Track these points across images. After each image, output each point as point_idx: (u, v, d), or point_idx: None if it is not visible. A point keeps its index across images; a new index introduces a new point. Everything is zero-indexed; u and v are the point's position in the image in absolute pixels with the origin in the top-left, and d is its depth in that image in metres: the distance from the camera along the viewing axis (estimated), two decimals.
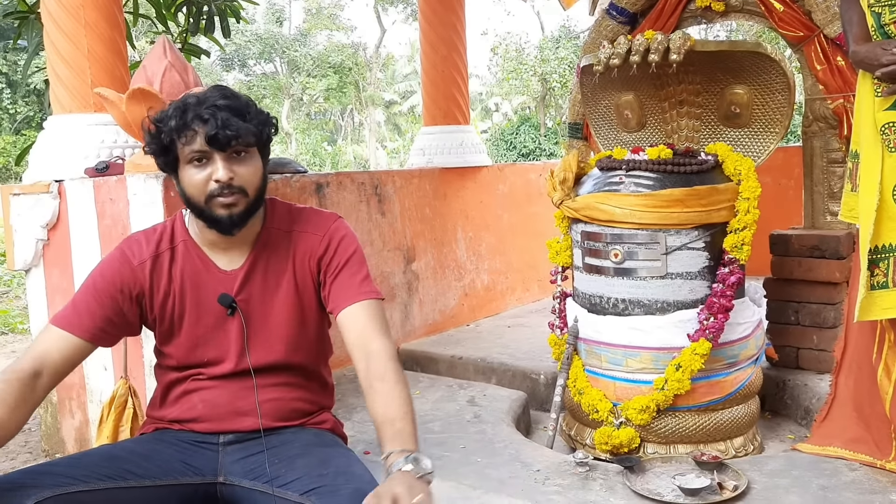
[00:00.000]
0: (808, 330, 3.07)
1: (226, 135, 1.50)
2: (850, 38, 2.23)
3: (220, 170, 1.52)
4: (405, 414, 1.44)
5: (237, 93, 1.59)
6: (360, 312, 1.60)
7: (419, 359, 3.95)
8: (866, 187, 2.18)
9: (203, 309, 1.65)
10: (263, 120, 1.59)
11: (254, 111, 1.58)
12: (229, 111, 1.51)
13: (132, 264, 1.64)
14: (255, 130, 1.55)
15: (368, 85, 29.77)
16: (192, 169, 1.54)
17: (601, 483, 2.28)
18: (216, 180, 1.52)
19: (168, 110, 1.54)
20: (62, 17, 3.04)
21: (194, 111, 1.50)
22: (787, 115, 2.82)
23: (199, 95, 1.54)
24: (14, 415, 1.42)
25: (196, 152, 1.52)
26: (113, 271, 1.63)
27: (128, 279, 1.63)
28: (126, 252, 1.65)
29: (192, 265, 1.66)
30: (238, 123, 1.52)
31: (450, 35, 4.74)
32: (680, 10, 3.44)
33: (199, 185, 1.54)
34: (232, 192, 1.54)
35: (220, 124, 1.49)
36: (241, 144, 1.53)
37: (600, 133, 3.35)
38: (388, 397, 1.47)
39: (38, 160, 3.13)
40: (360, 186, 3.89)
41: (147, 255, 1.65)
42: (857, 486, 2.21)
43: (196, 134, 1.51)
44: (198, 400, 1.67)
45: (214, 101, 1.52)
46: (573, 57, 20.84)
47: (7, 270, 7.71)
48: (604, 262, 2.68)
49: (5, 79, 21.91)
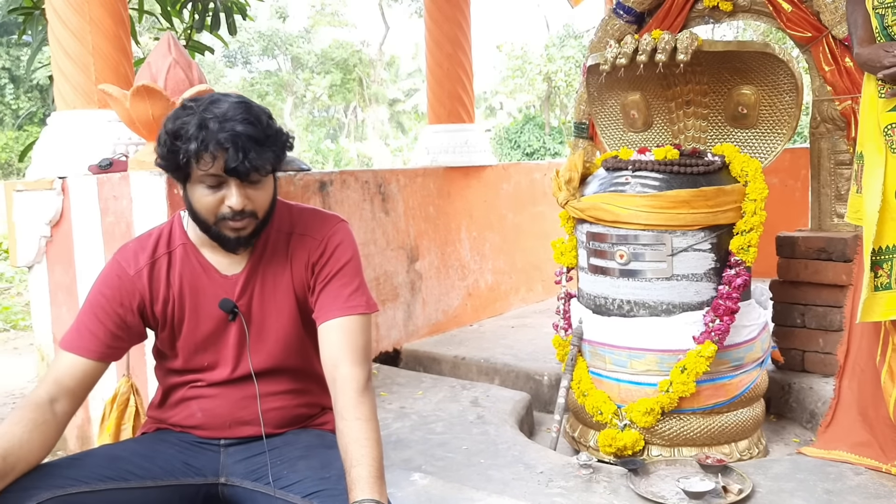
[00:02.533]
0: (815, 333, 3.06)
1: (245, 167, 1.44)
2: (855, 40, 2.24)
3: (235, 197, 1.47)
4: (361, 458, 1.39)
5: (258, 113, 1.49)
6: (337, 330, 1.55)
7: (422, 359, 3.94)
8: (870, 188, 2.18)
9: (202, 314, 1.62)
10: (282, 143, 1.52)
11: (273, 134, 1.49)
12: (251, 140, 1.44)
13: (129, 275, 1.60)
14: (273, 159, 1.49)
15: (372, 82, 29.76)
16: (205, 189, 1.48)
17: (605, 486, 2.27)
18: (230, 206, 1.48)
19: (187, 126, 1.44)
20: (67, 13, 3.03)
21: (215, 136, 1.42)
22: (795, 116, 2.80)
23: (218, 113, 1.44)
24: (33, 436, 1.41)
25: (212, 177, 1.46)
26: (111, 287, 1.60)
27: (127, 291, 1.60)
28: (122, 263, 1.62)
29: (191, 269, 1.63)
30: (259, 154, 1.45)
31: (455, 32, 4.73)
32: (687, 9, 3.43)
33: (210, 207, 1.50)
34: (244, 218, 1.50)
35: (241, 156, 1.42)
36: (259, 174, 1.48)
37: (606, 133, 3.34)
38: (347, 438, 1.43)
39: (41, 157, 3.12)
40: (364, 185, 3.88)
41: (143, 262, 1.61)
42: (862, 491, 2.20)
43: (215, 159, 1.43)
44: (197, 408, 1.65)
45: (235, 125, 1.43)
46: (579, 56, 20.81)
47: (10, 267, 7.72)
48: (609, 263, 2.67)
49: (9, 74, 21.94)
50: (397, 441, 2.69)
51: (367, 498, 1.33)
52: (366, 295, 1.62)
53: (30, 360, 4.80)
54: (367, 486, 1.35)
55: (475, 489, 2.24)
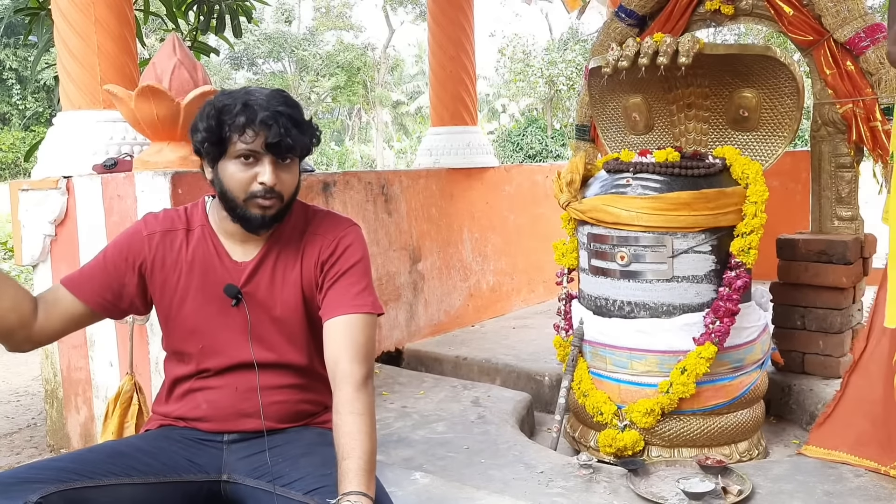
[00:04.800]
0: (815, 335, 3.06)
1: (287, 143, 1.52)
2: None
3: (268, 174, 1.54)
4: (352, 450, 1.41)
5: (297, 102, 1.60)
6: (341, 327, 1.58)
7: (424, 359, 3.95)
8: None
9: (207, 295, 1.65)
10: (314, 133, 1.62)
11: (308, 122, 1.60)
12: (291, 121, 1.53)
13: (142, 234, 1.67)
14: (307, 143, 1.58)
15: (376, 85, 29.80)
16: (239, 165, 1.55)
17: (605, 486, 2.28)
18: (261, 182, 1.54)
19: (232, 103, 1.53)
20: (73, 14, 3.05)
21: (261, 114, 1.51)
22: (796, 119, 2.81)
23: (263, 97, 1.54)
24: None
25: (249, 151, 1.53)
26: (123, 240, 1.68)
27: (135, 248, 1.66)
28: (141, 224, 1.70)
29: (204, 249, 1.67)
30: (297, 135, 1.54)
31: (458, 35, 4.75)
32: (689, 12, 3.44)
33: (243, 183, 1.55)
34: (272, 196, 1.56)
35: (283, 132, 1.51)
36: (294, 154, 1.57)
37: (608, 135, 3.35)
38: (340, 432, 1.45)
39: (46, 156, 3.14)
40: (367, 186, 3.90)
41: (159, 227, 1.68)
42: (862, 493, 2.20)
43: (257, 135, 1.51)
44: (202, 399, 1.67)
45: (277, 106, 1.53)
46: (581, 59, 20.81)
47: (14, 266, 7.74)
48: (610, 265, 2.68)
49: (15, 75, 22.01)
50: (399, 440, 2.70)
51: (353, 490, 1.35)
52: (373, 296, 1.64)
53: (34, 358, 4.82)
54: (356, 478, 1.37)
55: (476, 488, 2.25)
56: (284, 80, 28.94)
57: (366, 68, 28.60)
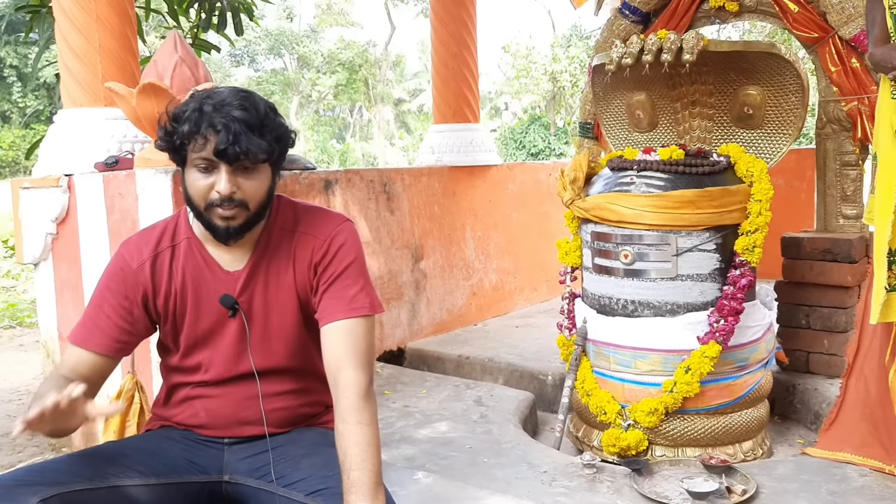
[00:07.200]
0: (819, 334, 3.05)
1: (234, 151, 1.44)
2: (871, 40, 2.22)
3: (224, 182, 1.47)
4: (362, 461, 1.40)
5: (257, 102, 1.51)
6: (340, 333, 1.55)
7: (426, 358, 3.94)
8: (883, 188, 2.18)
9: (203, 308, 1.62)
10: (279, 135, 1.52)
11: (270, 125, 1.50)
12: (244, 125, 1.45)
13: (132, 268, 1.61)
14: (266, 147, 1.48)
15: (378, 82, 29.77)
16: (197, 173, 1.49)
17: (608, 485, 2.27)
18: (218, 191, 1.48)
19: (186, 110, 1.47)
20: (74, 11, 3.04)
21: (209, 119, 1.44)
22: (801, 116, 2.79)
23: (217, 100, 1.47)
24: None
25: (203, 160, 1.47)
26: (115, 281, 1.61)
27: (130, 285, 1.61)
28: (125, 257, 1.63)
29: (193, 263, 1.63)
30: (250, 139, 1.45)
31: (460, 32, 4.73)
32: (693, 9, 3.42)
33: (201, 192, 1.50)
34: (232, 206, 1.50)
35: (231, 139, 1.43)
36: (249, 161, 1.48)
37: (611, 133, 3.33)
38: (347, 441, 1.43)
39: (47, 154, 3.13)
40: (369, 184, 3.88)
41: (146, 255, 1.62)
42: (866, 492, 2.19)
43: (207, 142, 1.45)
44: (200, 408, 1.66)
45: (231, 110, 1.45)
46: (584, 56, 20.77)
47: (16, 264, 7.75)
48: (614, 263, 2.67)
49: (16, 72, 22.02)
50: (401, 440, 2.69)
51: None
52: (370, 296, 1.60)
53: (35, 357, 4.82)
54: (368, 491, 1.37)
55: (478, 488, 2.24)
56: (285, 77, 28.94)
57: (367, 65, 28.57)
